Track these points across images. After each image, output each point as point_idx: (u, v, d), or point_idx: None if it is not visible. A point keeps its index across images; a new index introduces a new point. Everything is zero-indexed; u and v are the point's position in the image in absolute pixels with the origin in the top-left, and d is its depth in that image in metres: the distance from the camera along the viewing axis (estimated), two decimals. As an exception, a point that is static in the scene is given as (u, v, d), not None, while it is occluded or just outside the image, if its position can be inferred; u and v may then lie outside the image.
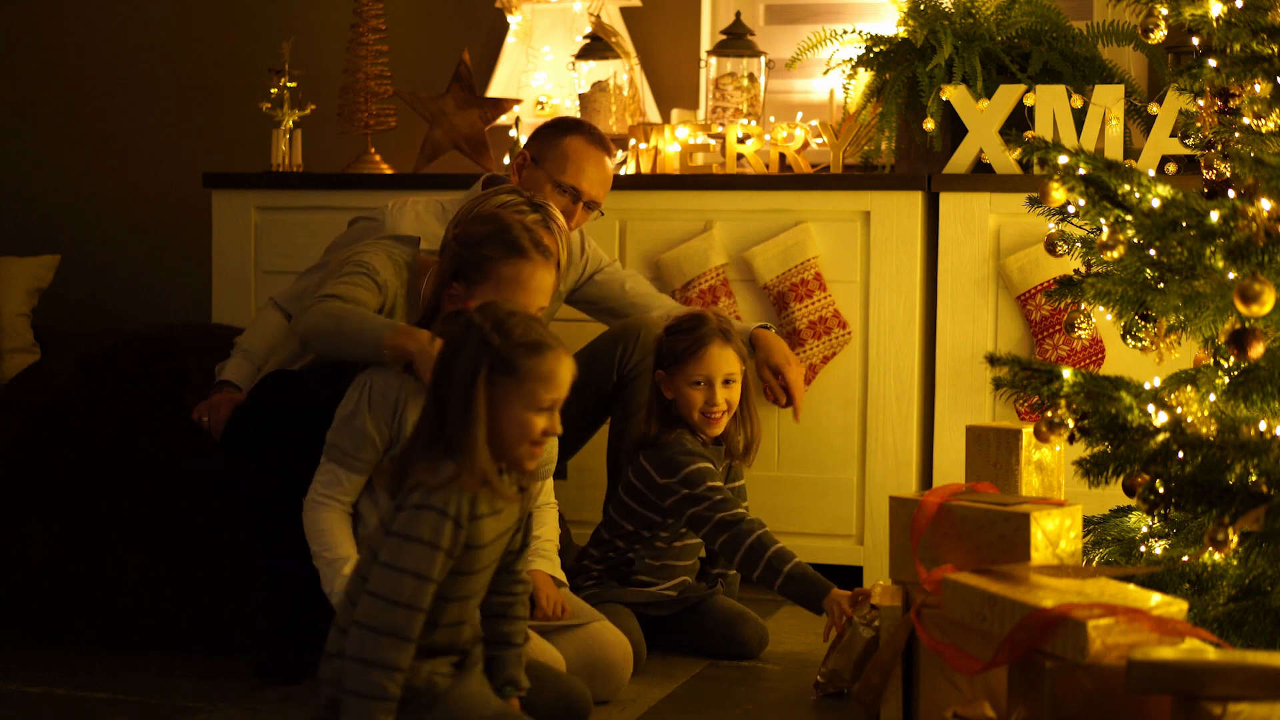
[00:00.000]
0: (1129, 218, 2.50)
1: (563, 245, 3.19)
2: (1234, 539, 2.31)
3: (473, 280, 2.95)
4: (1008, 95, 3.88)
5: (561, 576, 3.15)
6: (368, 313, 3.09)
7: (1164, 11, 2.66)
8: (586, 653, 2.98)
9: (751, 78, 4.36)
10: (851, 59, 4.15)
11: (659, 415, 3.35)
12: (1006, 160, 3.87)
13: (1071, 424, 2.55)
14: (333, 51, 4.73)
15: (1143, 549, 2.79)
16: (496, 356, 2.38)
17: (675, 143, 4.20)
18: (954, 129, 3.99)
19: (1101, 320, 2.85)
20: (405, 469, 2.40)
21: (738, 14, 4.47)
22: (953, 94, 3.92)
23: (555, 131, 3.69)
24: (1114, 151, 3.76)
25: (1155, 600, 2.21)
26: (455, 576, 2.38)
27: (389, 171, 4.52)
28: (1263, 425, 2.40)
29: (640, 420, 3.41)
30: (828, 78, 4.24)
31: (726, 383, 3.32)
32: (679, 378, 3.32)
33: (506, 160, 4.43)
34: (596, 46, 4.44)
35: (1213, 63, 2.61)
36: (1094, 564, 2.83)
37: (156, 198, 5.17)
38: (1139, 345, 2.83)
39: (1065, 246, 2.87)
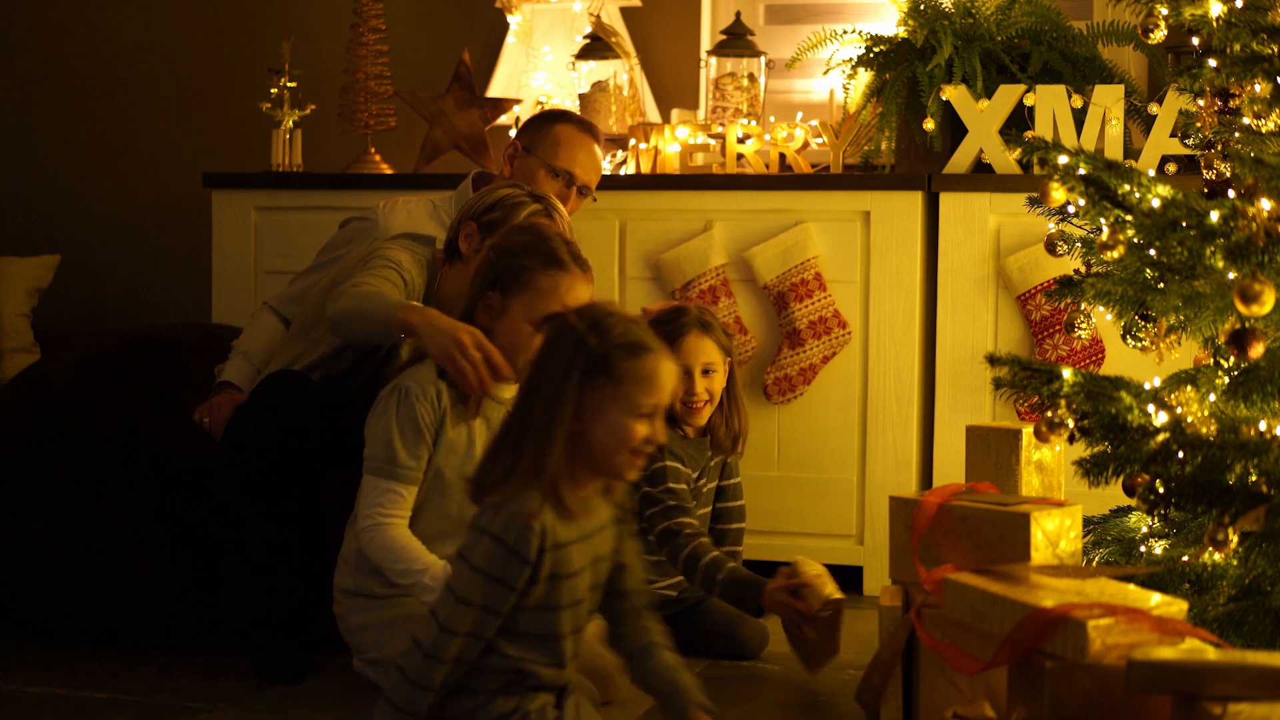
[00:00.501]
0: (1129, 218, 2.50)
1: (566, 232, 3.19)
2: (1234, 539, 2.31)
3: (510, 290, 2.92)
4: (1008, 95, 3.88)
5: None
6: (387, 295, 3.10)
7: (1164, 11, 2.66)
8: (584, 657, 2.97)
9: (751, 78, 4.36)
10: (851, 59, 4.15)
11: None
12: (1006, 160, 3.87)
13: (1071, 424, 2.55)
14: (333, 51, 4.73)
15: (1143, 549, 2.79)
16: (593, 357, 2.26)
17: (675, 143, 4.20)
18: (954, 129, 3.99)
19: (1101, 320, 2.85)
20: (483, 473, 2.31)
21: (738, 14, 4.47)
22: (953, 94, 3.92)
23: (545, 121, 3.75)
24: (1114, 151, 3.76)
25: (1155, 600, 2.21)
26: (543, 612, 2.30)
27: (389, 171, 4.52)
28: (1263, 425, 2.40)
29: None
30: (828, 78, 4.24)
31: (706, 372, 3.34)
32: None
33: (506, 160, 4.44)
34: (596, 46, 4.44)
35: (1213, 63, 2.61)
36: (1094, 564, 2.83)
37: (156, 198, 5.17)
38: (1139, 345, 2.83)
39: (1065, 246, 2.87)
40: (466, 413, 2.97)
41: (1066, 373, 2.57)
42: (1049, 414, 2.56)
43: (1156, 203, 2.47)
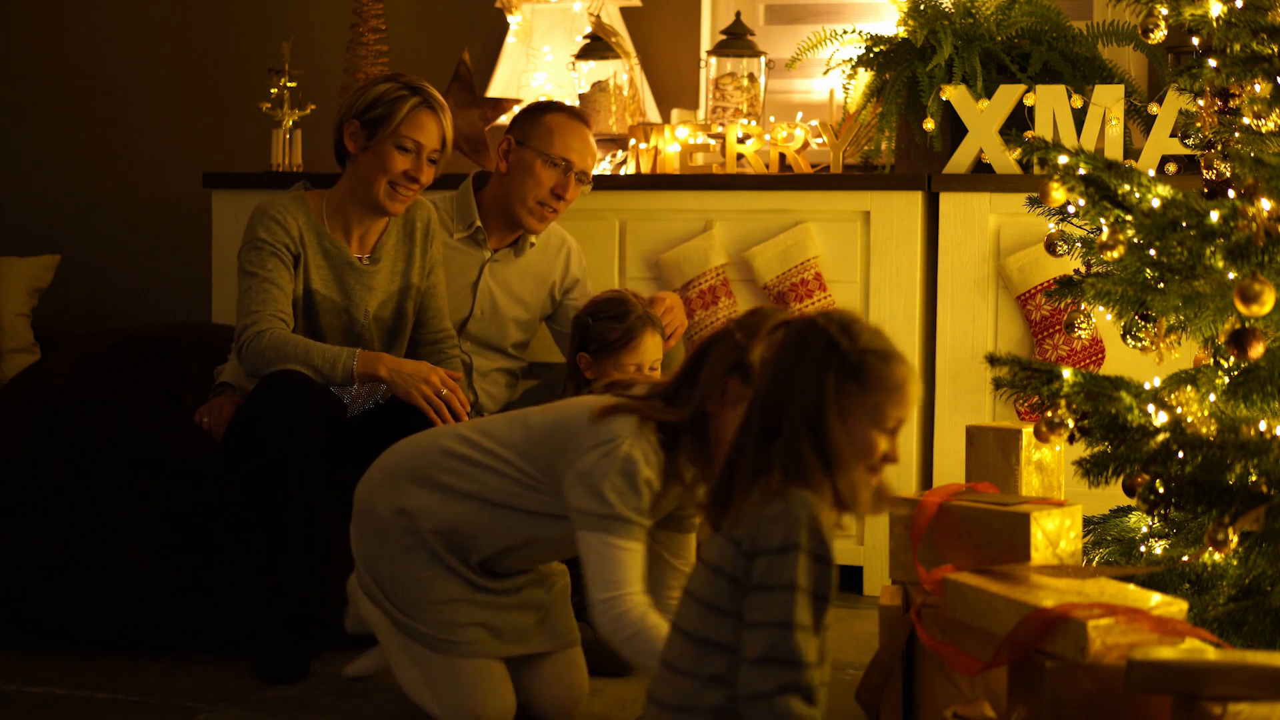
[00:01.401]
0: (1129, 218, 2.50)
1: (447, 123, 3.44)
2: (1234, 539, 2.31)
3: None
4: (1008, 95, 3.88)
5: None
6: (321, 346, 3.30)
7: (1164, 11, 2.66)
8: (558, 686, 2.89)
9: (751, 78, 4.36)
10: (851, 59, 4.15)
11: (574, 393, 3.40)
12: (1006, 160, 3.86)
13: (1071, 424, 2.55)
14: (333, 51, 4.72)
15: (1143, 549, 2.79)
16: (844, 361, 2.12)
17: (675, 143, 4.20)
18: (954, 129, 3.99)
19: (1101, 320, 2.85)
20: (728, 495, 2.14)
21: (738, 14, 4.46)
22: (953, 94, 3.92)
23: (535, 112, 3.80)
24: (1114, 151, 3.76)
25: (1155, 600, 2.21)
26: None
27: (389, 171, 4.51)
28: (1263, 425, 2.40)
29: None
30: (828, 78, 4.24)
31: (652, 369, 3.43)
32: (609, 364, 3.38)
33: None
34: (596, 46, 4.44)
35: (1213, 63, 2.61)
36: (1094, 564, 2.83)
37: (156, 198, 5.17)
38: (1139, 345, 2.83)
39: (1065, 246, 2.87)
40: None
41: (1066, 373, 2.57)
42: (1049, 414, 2.56)
43: (1156, 203, 2.47)
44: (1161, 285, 2.55)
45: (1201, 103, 2.69)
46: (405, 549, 2.77)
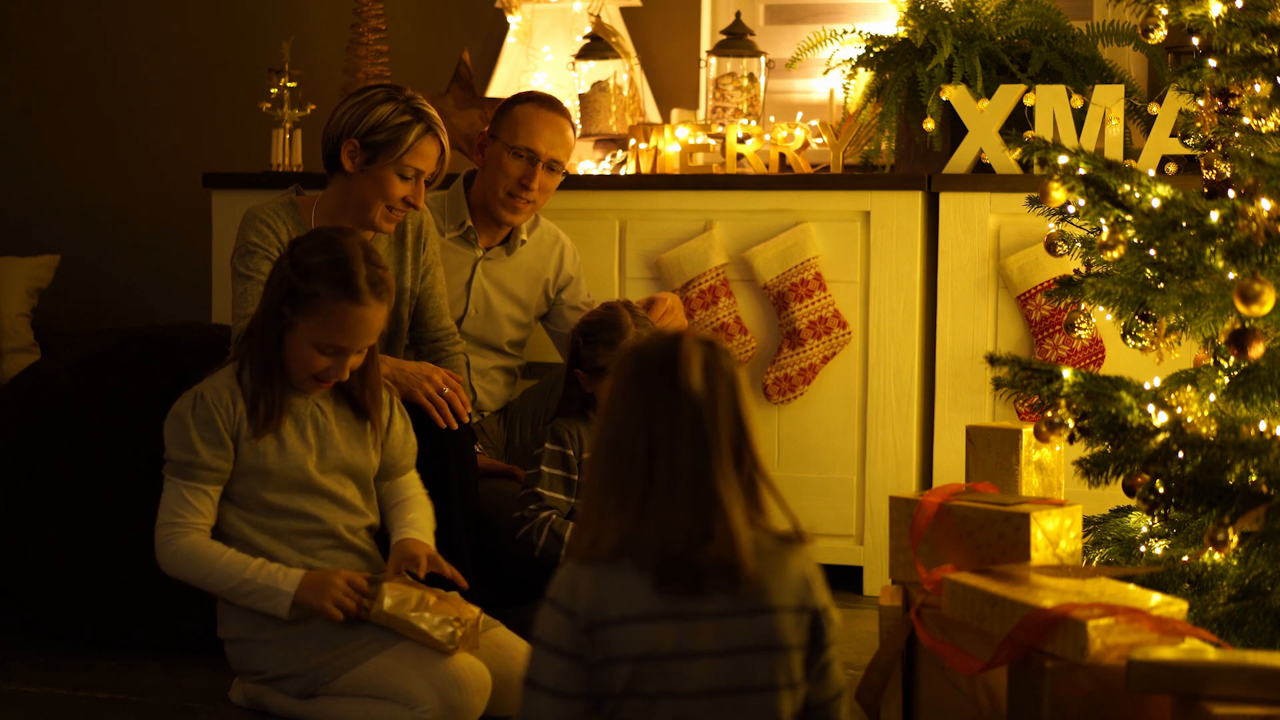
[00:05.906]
0: (1129, 218, 2.50)
1: (446, 142, 3.36)
2: (1234, 539, 2.31)
3: None
4: (1008, 95, 3.88)
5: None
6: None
7: (1164, 11, 2.66)
8: (496, 663, 2.84)
9: (751, 78, 4.36)
10: (851, 59, 4.15)
11: (575, 400, 3.41)
12: (1006, 160, 3.87)
13: (1071, 424, 2.55)
14: (333, 51, 4.73)
15: (1143, 549, 2.79)
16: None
17: (675, 143, 4.20)
18: (954, 129, 4.00)
19: (1101, 320, 2.85)
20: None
21: (738, 14, 4.47)
22: (953, 94, 3.92)
23: (506, 105, 3.79)
24: (1114, 151, 3.76)
25: (1155, 600, 2.21)
26: None
27: (389, 171, 4.51)
28: (1263, 425, 2.40)
29: (557, 400, 3.49)
30: (828, 78, 4.24)
31: None
32: (599, 387, 3.33)
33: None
34: (596, 46, 4.44)
35: (1213, 63, 2.61)
36: (1094, 564, 2.83)
37: (156, 198, 5.17)
38: (1139, 345, 2.83)
39: (1065, 246, 2.87)
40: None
41: (1066, 373, 2.57)
42: (1049, 414, 2.56)
43: (1156, 203, 2.47)
44: (1161, 285, 2.55)
45: (1201, 103, 2.69)
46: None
